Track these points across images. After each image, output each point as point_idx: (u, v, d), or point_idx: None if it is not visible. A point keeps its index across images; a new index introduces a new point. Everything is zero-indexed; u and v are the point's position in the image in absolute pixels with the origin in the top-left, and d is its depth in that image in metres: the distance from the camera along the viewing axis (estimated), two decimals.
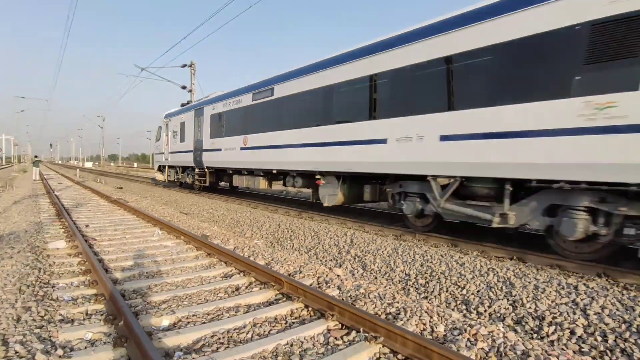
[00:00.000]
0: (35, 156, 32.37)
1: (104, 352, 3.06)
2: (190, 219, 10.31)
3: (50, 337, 3.27)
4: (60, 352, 3.01)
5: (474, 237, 7.31)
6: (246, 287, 4.70)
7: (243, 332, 3.46)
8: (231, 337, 3.39)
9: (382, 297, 4.26)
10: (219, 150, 15.03)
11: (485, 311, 4.14)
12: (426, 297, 4.66)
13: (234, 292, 4.58)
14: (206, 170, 16.50)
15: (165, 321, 3.68)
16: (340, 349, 3.18)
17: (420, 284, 4.98)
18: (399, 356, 3.05)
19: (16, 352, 2.92)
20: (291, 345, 3.23)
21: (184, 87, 23.11)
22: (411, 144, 7.51)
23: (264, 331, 3.50)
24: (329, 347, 3.24)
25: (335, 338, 3.37)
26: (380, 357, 3.10)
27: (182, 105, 20.43)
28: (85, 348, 3.15)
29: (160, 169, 22.01)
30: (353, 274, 5.60)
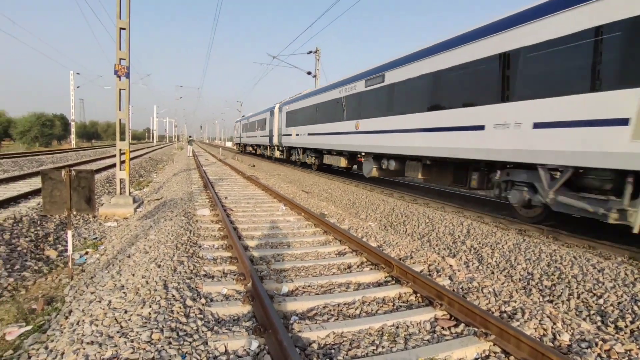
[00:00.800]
0: (190, 136, 38.21)
1: (235, 307, 3.63)
2: (310, 197, 11.05)
3: (196, 287, 4.01)
4: (203, 300, 3.68)
5: (617, 238, 6.24)
6: (357, 267, 4.95)
7: (352, 308, 3.70)
8: (341, 310, 3.66)
9: (498, 293, 4.04)
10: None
11: (626, 327, 3.59)
12: (551, 301, 4.23)
13: (345, 269, 4.87)
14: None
15: (285, 288, 4.15)
16: (447, 340, 3.17)
17: (545, 286, 4.52)
18: (512, 358, 2.91)
19: (173, 296, 3.68)
20: (397, 327, 3.35)
21: (309, 73, 24.33)
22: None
23: (372, 310, 3.68)
24: (435, 335, 3.25)
25: (443, 328, 3.36)
26: (489, 356, 3.00)
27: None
28: (221, 301, 3.79)
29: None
30: (467, 266, 5.37)
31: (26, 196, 9.25)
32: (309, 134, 18.68)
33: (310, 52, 24.04)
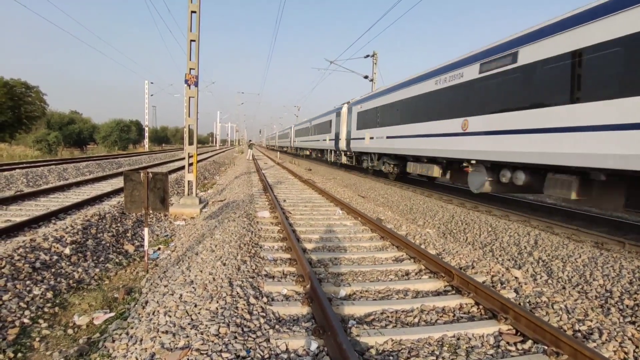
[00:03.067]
0: (250, 140, 39.83)
1: (295, 307, 3.75)
2: (367, 202, 11.02)
3: (258, 286, 4.20)
4: (264, 299, 3.85)
5: None
6: (416, 274, 4.87)
7: (410, 316, 3.66)
8: (399, 317, 3.64)
9: (570, 310, 3.76)
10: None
11: None
12: (633, 322, 3.84)
13: (403, 276, 4.81)
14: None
15: (343, 291, 4.21)
16: (513, 356, 3.03)
17: (627, 306, 4.12)
18: None
19: (237, 293, 3.89)
20: (458, 338, 3.25)
21: (366, 77, 24.27)
22: None
23: (431, 319, 3.61)
24: (500, 350, 3.12)
25: (508, 343, 3.21)
26: None
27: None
28: (282, 301, 3.94)
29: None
30: (535, 279, 5.05)
31: (108, 195, 10.25)
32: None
33: (368, 56, 23.98)
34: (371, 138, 17.39)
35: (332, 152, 25.82)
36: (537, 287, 4.41)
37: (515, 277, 4.76)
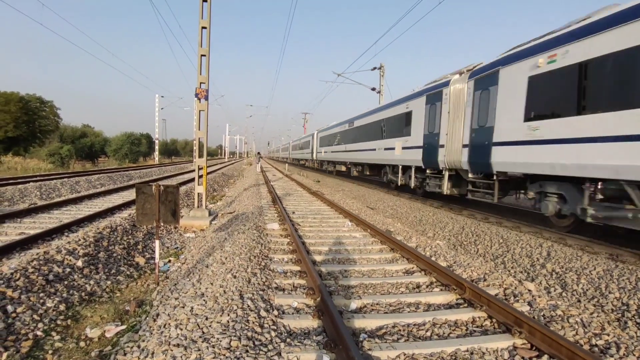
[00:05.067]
0: (258, 152, 40.12)
1: (306, 320, 3.74)
2: (376, 214, 10.98)
3: (269, 299, 4.19)
4: (275, 312, 3.84)
5: None
6: (427, 287, 4.82)
7: (422, 330, 3.61)
8: (411, 331, 3.59)
9: (587, 324, 3.69)
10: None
11: None
12: None
13: (414, 289, 4.77)
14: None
15: (353, 304, 4.18)
16: None
17: None
18: None
19: (248, 306, 3.88)
20: (471, 353, 3.20)
21: (373, 89, 24.42)
22: None
23: (444, 333, 3.56)
24: None
25: (523, 358, 3.15)
26: None
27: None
28: (292, 314, 3.92)
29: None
30: (549, 292, 4.97)
31: (119, 207, 10.36)
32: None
33: (375, 68, 24.17)
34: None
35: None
36: (551, 300, 4.33)
37: (529, 290, 4.68)
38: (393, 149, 16.01)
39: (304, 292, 4.43)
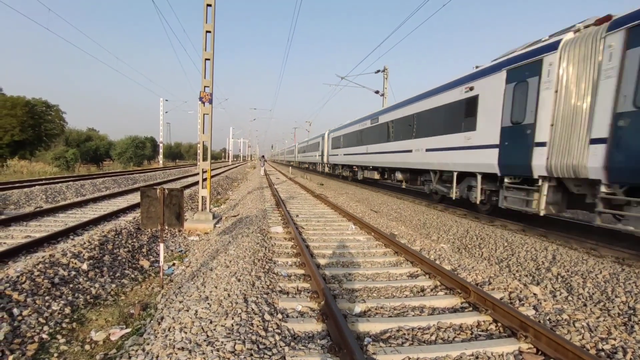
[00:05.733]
0: (262, 156, 40.19)
1: (310, 324, 3.73)
2: (380, 217, 10.96)
3: (273, 302, 4.19)
4: (279, 316, 3.84)
5: None
6: (431, 290, 4.80)
7: (427, 334, 3.60)
8: (415, 335, 3.58)
9: (593, 329, 3.66)
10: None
11: None
12: None
13: (419, 292, 4.75)
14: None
15: (357, 308, 4.17)
16: None
17: None
18: None
19: (252, 309, 3.89)
20: (476, 357, 3.19)
21: (377, 92, 24.42)
22: None
23: (448, 337, 3.55)
24: None
25: None
26: None
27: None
28: (296, 317, 3.92)
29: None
30: (554, 296, 4.93)
31: (124, 211, 10.41)
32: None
33: (378, 71, 24.17)
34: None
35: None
36: (557, 304, 4.30)
37: (534, 294, 4.65)
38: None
39: (308, 295, 4.43)
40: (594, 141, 6.99)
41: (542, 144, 8.14)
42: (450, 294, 4.58)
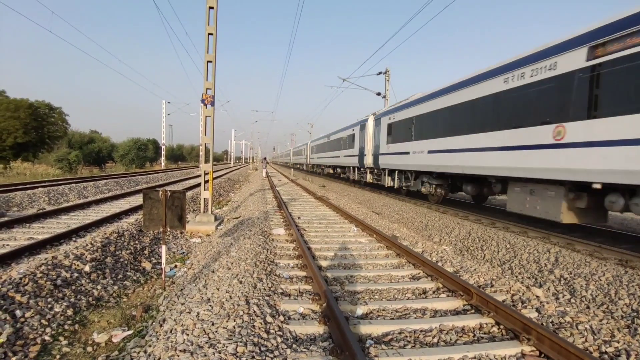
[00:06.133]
0: (264, 158, 40.22)
1: (312, 326, 3.72)
2: (381, 219, 10.95)
3: (274, 304, 4.19)
4: (281, 318, 3.84)
5: None
6: (433, 292, 4.79)
7: (429, 336, 3.59)
8: (417, 337, 3.57)
9: (596, 331, 3.64)
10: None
11: None
12: None
13: (421, 294, 4.74)
14: None
15: (359, 310, 4.16)
16: None
17: None
18: None
19: (254, 311, 3.88)
20: (479, 359, 3.18)
21: (378, 94, 24.43)
22: None
23: (450, 339, 3.53)
24: None
25: None
26: None
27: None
28: (298, 319, 3.91)
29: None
30: (557, 298, 4.91)
31: (126, 213, 10.44)
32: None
33: (380, 73, 24.19)
34: None
35: None
36: (559, 307, 4.28)
37: (537, 296, 4.64)
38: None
39: (310, 297, 4.42)
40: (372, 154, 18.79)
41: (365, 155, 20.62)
42: (453, 296, 4.57)
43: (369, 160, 19.95)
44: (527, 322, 3.49)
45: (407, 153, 15.03)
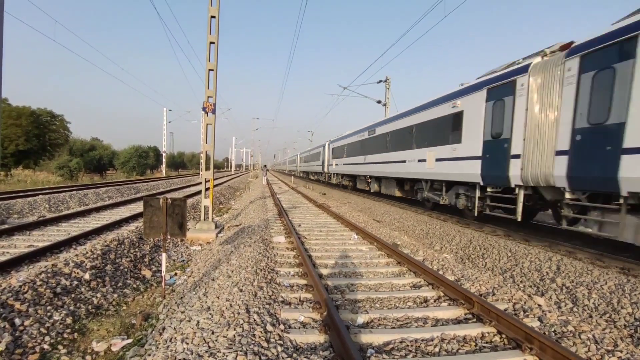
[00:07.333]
0: (265, 165, 40.28)
1: (312, 335, 3.70)
2: (382, 226, 10.93)
3: (275, 313, 4.16)
4: (282, 327, 3.81)
5: None
6: (434, 301, 4.76)
7: (430, 345, 3.56)
8: (419, 347, 3.54)
9: (599, 341, 3.61)
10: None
11: None
12: None
13: (422, 303, 4.71)
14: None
15: (360, 319, 4.14)
16: None
17: None
18: None
19: (254, 320, 3.86)
20: None
21: (379, 102, 24.54)
22: None
23: (452, 349, 3.51)
24: None
25: None
26: None
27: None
28: (299, 328, 3.88)
29: None
30: (559, 307, 4.88)
31: (127, 220, 10.43)
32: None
33: (380, 81, 24.33)
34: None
35: None
36: (562, 316, 4.25)
37: (539, 305, 4.61)
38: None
39: (311, 306, 4.40)
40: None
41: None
42: (454, 304, 4.54)
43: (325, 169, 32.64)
44: (530, 331, 3.46)
45: (339, 165, 28.31)
